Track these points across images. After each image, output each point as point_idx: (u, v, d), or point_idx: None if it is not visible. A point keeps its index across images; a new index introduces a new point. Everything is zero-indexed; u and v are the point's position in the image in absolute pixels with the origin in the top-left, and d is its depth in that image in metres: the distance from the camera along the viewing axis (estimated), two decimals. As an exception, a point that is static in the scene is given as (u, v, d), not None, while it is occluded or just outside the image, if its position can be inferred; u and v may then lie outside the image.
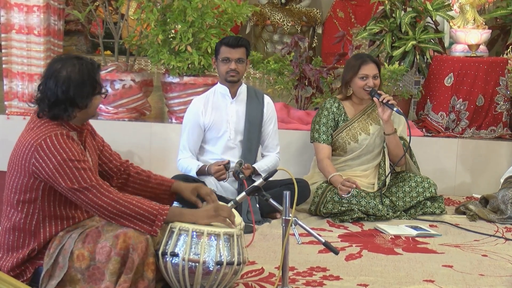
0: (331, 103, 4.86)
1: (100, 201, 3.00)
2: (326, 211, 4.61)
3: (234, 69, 4.51)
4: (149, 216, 3.03)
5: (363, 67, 4.73)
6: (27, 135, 3.05)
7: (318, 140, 4.80)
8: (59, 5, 5.84)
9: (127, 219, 3.01)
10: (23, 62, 5.71)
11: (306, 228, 3.14)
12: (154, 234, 3.05)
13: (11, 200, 3.10)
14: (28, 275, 3.11)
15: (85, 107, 3.07)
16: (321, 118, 4.83)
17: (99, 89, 3.11)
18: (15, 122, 5.61)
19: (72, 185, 2.97)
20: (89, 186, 2.99)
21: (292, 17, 8.99)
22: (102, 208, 3.00)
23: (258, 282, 3.45)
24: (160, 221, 3.05)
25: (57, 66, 3.05)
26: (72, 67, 3.03)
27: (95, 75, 3.08)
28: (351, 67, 4.78)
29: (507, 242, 4.28)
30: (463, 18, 5.92)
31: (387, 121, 4.72)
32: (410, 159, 4.90)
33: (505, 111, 5.73)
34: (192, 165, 4.54)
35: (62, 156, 2.97)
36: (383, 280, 3.54)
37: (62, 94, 3.01)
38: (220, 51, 4.53)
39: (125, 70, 5.83)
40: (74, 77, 3.02)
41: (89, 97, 3.06)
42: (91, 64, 3.08)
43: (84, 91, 3.04)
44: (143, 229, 3.03)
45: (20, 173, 3.04)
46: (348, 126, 4.82)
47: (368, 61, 4.75)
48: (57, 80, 3.01)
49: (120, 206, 3.01)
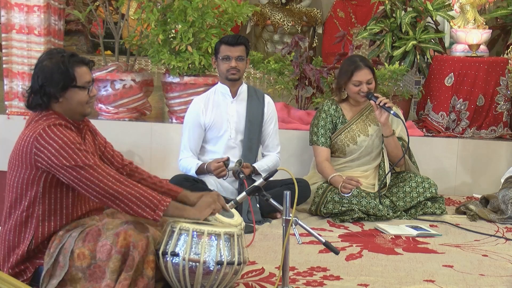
0: (328, 105, 4.85)
1: (104, 178, 3.00)
2: (326, 211, 4.61)
3: (235, 67, 4.52)
4: (152, 200, 3.03)
5: (356, 73, 4.68)
6: (25, 131, 3.09)
7: (316, 143, 4.80)
8: (60, 5, 5.84)
9: (130, 200, 3.01)
10: (24, 62, 5.71)
11: (306, 228, 3.14)
12: (157, 218, 3.04)
13: (12, 198, 3.11)
14: (28, 275, 3.12)
15: (57, 98, 3.06)
16: (319, 121, 4.82)
17: (75, 83, 3.07)
18: (15, 122, 5.61)
19: (75, 163, 2.98)
20: (91, 164, 3.00)
21: (292, 17, 8.99)
22: (106, 186, 2.99)
23: (259, 282, 3.45)
24: (163, 206, 3.04)
25: (41, 58, 3.12)
26: (50, 59, 3.08)
27: (70, 66, 3.06)
28: (344, 72, 4.73)
29: (508, 242, 4.28)
30: (463, 18, 5.92)
31: (385, 124, 4.71)
32: (409, 159, 4.89)
33: (505, 111, 5.73)
34: (191, 164, 4.55)
35: (63, 140, 3.00)
36: (384, 280, 3.54)
37: (35, 83, 3.07)
38: (220, 50, 4.54)
39: (126, 70, 5.83)
40: (47, 66, 3.06)
41: (60, 87, 3.05)
42: (69, 57, 3.08)
43: (53, 79, 3.04)
44: (145, 212, 3.02)
45: (21, 168, 3.05)
46: (347, 128, 4.82)
47: (360, 67, 4.68)
48: (35, 70, 3.09)
49: (123, 186, 3.01)
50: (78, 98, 3.11)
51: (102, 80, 5.67)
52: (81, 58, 3.13)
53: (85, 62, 3.13)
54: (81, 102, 3.12)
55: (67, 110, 3.12)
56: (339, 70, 4.88)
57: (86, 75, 3.12)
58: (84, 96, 3.12)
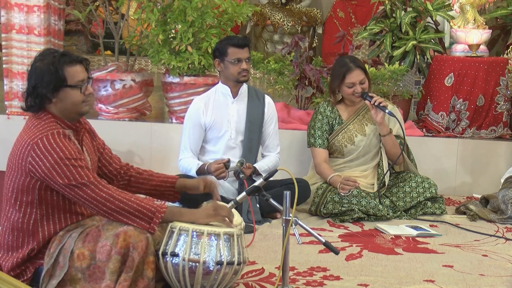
0: (324, 107, 4.85)
1: (98, 196, 3.00)
2: (326, 211, 4.61)
3: (246, 68, 4.51)
4: (147, 213, 3.03)
5: (348, 75, 4.68)
6: (24, 134, 3.07)
7: (314, 144, 4.80)
8: (60, 5, 5.83)
9: (125, 215, 3.01)
10: (24, 62, 5.71)
11: (306, 228, 3.14)
12: (152, 231, 3.05)
13: (10, 200, 3.11)
14: (28, 275, 3.12)
15: (50, 98, 3.05)
16: (316, 123, 4.82)
17: (67, 83, 3.05)
18: (15, 122, 5.61)
19: (69, 182, 2.97)
20: (86, 182, 2.99)
21: (292, 17, 8.99)
22: (100, 204, 3.00)
23: (259, 282, 3.45)
24: (158, 218, 3.05)
25: (35, 59, 3.11)
26: (41, 60, 3.06)
27: (59, 66, 3.03)
28: (336, 76, 4.74)
29: (508, 242, 4.28)
30: (463, 18, 5.92)
31: (381, 123, 4.72)
32: (408, 157, 4.89)
33: (505, 111, 5.73)
34: (192, 165, 4.54)
35: (59, 155, 2.97)
36: (384, 280, 3.54)
37: (29, 84, 3.06)
38: (229, 52, 4.50)
39: (126, 70, 5.83)
40: (39, 67, 3.05)
41: (51, 88, 3.03)
42: (60, 57, 3.06)
43: (44, 80, 3.03)
44: (141, 225, 3.02)
45: (17, 173, 3.05)
46: (344, 129, 4.82)
47: (352, 69, 4.68)
48: (29, 72, 3.09)
49: (118, 202, 3.01)
50: (72, 98, 3.08)
51: (102, 80, 5.67)
52: (73, 57, 3.09)
53: (78, 60, 3.09)
54: (75, 102, 3.09)
55: (62, 111, 3.10)
56: (331, 73, 4.88)
57: (78, 74, 3.08)
58: (77, 95, 3.09)
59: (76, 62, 3.09)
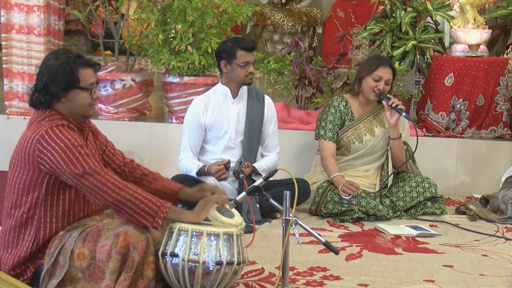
0: (338, 101, 4.86)
1: (105, 187, 3.00)
2: (326, 211, 4.61)
3: (252, 71, 4.52)
4: (152, 207, 3.04)
5: (380, 68, 4.73)
6: (28, 131, 3.08)
7: (324, 137, 4.80)
8: (60, 5, 5.84)
9: (130, 207, 3.01)
10: (23, 62, 5.71)
11: (306, 228, 3.14)
12: (156, 226, 3.05)
13: (13, 199, 3.11)
14: (28, 275, 3.12)
15: (60, 97, 3.06)
16: (328, 116, 4.82)
17: (79, 84, 3.08)
18: (15, 122, 5.62)
19: (77, 170, 2.98)
20: (93, 172, 3.00)
21: (292, 17, 8.99)
22: (106, 194, 3.00)
23: (258, 282, 3.45)
24: (163, 213, 3.05)
25: (47, 57, 3.13)
26: (56, 58, 3.08)
27: (74, 67, 3.06)
28: (369, 65, 4.79)
29: (508, 242, 4.28)
30: (463, 18, 5.92)
31: (394, 126, 4.73)
32: (413, 164, 4.92)
33: (505, 111, 5.73)
34: (192, 165, 4.55)
35: (65, 143, 2.99)
36: (383, 280, 3.54)
37: (40, 81, 3.07)
38: (237, 55, 4.47)
39: (126, 70, 5.83)
40: (52, 65, 3.07)
41: (63, 87, 3.05)
42: (75, 58, 3.09)
43: (57, 79, 3.05)
44: (145, 219, 3.03)
45: (24, 169, 3.05)
46: (354, 126, 4.82)
47: (386, 65, 4.76)
48: (40, 69, 3.10)
49: (124, 193, 3.01)
50: (81, 100, 3.11)
51: (102, 80, 5.66)
52: (87, 60, 3.14)
53: (91, 64, 3.14)
54: (83, 104, 3.12)
55: (69, 111, 3.12)
56: (364, 62, 4.96)
57: (90, 77, 3.12)
58: (86, 98, 3.12)
59: (89, 65, 3.13)
